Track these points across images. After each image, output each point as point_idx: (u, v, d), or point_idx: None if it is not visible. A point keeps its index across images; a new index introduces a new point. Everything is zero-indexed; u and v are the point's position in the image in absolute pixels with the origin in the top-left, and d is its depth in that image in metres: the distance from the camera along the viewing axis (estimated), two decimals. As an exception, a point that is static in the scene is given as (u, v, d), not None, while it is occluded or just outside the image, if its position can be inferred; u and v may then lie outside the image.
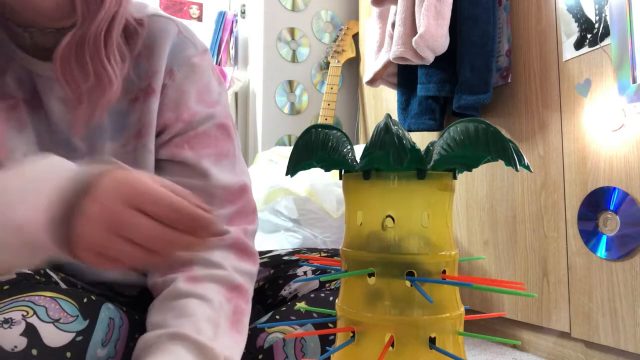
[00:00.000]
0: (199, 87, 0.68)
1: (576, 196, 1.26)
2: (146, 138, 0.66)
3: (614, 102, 1.17)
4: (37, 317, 0.53)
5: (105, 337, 0.59)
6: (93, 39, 0.57)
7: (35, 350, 0.52)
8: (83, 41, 0.57)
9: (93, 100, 0.59)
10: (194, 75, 0.68)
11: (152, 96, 0.65)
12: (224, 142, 0.69)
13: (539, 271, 1.37)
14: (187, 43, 0.68)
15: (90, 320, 0.58)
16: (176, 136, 0.67)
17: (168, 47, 0.66)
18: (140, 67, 0.66)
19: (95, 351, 0.57)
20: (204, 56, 0.70)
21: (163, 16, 0.68)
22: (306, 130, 0.45)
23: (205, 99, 0.69)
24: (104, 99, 0.59)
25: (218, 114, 0.69)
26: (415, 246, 0.42)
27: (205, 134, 0.67)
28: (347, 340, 0.43)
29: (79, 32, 0.57)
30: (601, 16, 1.21)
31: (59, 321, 0.55)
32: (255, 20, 2.36)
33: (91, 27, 0.56)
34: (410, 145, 0.39)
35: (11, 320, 0.52)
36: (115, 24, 0.59)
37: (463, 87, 1.47)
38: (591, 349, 1.24)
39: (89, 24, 0.56)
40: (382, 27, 1.76)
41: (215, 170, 0.67)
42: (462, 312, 0.44)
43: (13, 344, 0.51)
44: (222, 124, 0.69)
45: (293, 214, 1.61)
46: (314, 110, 2.32)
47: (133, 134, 0.66)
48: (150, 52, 0.66)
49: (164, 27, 0.67)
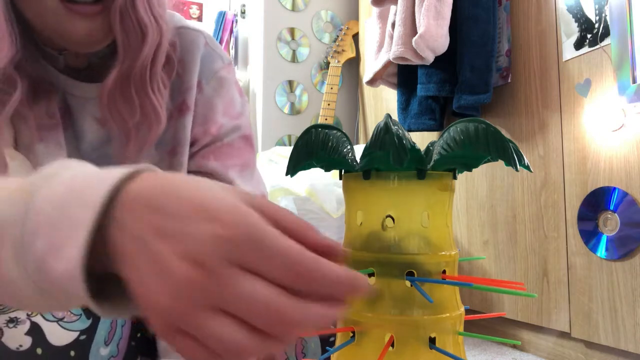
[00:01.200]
0: (226, 101, 0.68)
1: (576, 196, 1.26)
2: (180, 155, 0.65)
3: (614, 102, 1.17)
4: (41, 316, 0.54)
5: (108, 336, 0.60)
6: (139, 74, 0.56)
7: (39, 349, 0.52)
8: (129, 77, 0.55)
9: (141, 136, 0.57)
10: (221, 89, 0.68)
11: (187, 113, 0.65)
12: (247, 153, 0.69)
13: (539, 271, 1.37)
14: (215, 55, 0.68)
15: (94, 319, 0.59)
16: (203, 148, 0.67)
17: (199, 61, 0.66)
18: (173, 84, 0.65)
19: (98, 350, 0.58)
20: (229, 68, 0.70)
21: (191, 28, 0.67)
22: (306, 130, 0.45)
23: (231, 112, 0.69)
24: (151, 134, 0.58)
25: (242, 125, 0.70)
26: (415, 246, 0.42)
27: (230, 145, 0.68)
28: (347, 340, 0.43)
29: (124, 67, 0.55)
30: (601, 16, 1.21)
31: (63, 320, 0.55)
32: (255, 20, 2.36)
33: (136, 62, 0.55)
34: (410, 145, 0.39)
35: (16, 319, 0.53)
36: (159, 56, 0.57)
37: (463, 87, 1.47)
38: (591, 349, 1.24)
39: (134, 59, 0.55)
40: (382, 27, 1.76)
41: (239, 181, 0.66)
42: (462, 312, 0.44)
43: (18, 343, 0.51)
44: (246, 136, 0.70)
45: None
46: (314, 110, 2.32)
47: (167, 151, 0.65)
48: (182, 68, 0.65)
49: (193, 39, 0.66)
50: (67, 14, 0.51)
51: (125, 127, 0.57)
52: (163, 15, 0.57)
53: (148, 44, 0.55)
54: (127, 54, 0.55)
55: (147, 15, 0.54)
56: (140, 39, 0.54)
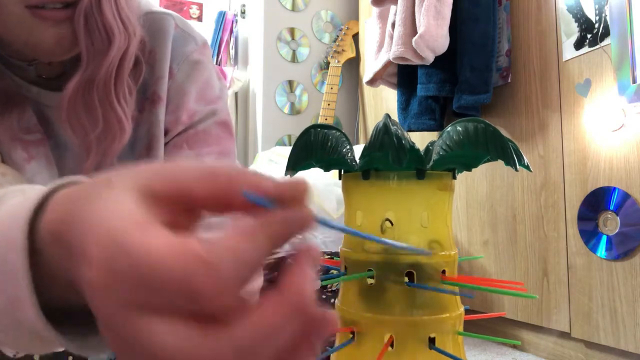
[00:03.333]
0: (200, 85, 0.64)
1: (576, 196, 1.26)
2: (156, 149, 0.61)
3: (614, 102, 1.17)
4: None
5: None
6: (103, 81, 0.52)
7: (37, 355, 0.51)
8: (91, 85, 0.51)
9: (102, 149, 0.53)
10: (194, 72, 0.63)
11: (159, 104, 0.61)
12: (225, 141, 0.65)
13: (539, 271, 1.37)
14: (187, 37, 0.63)
15: None
16: (176, 137, 0.62)
17: (170, 47, 0.61)
18: (144, 76, 0.60)
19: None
20: (204, 50, 0.65)
21: (158, 12, 0.62)
22: (305, 130, 0.45)
23: (207, 96, 0.64)
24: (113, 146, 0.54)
25: (220, 110, 0.65)
26: (415, 246, 0.42)
27: (205, 132, 0.63)
28: (347, 340, 0.43)
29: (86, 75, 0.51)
30: (601, 16, 1.21)
31: None
32: (255, 20, 2.35)
33: (100, 69, 0.51)
34: (409, 145, 0.39)
35: None
36: (126, 62, 0.53)
37: (463, 87, 1.47)
38: (591, 349, 1.24)
39: (97, 67, 0.51)
40: (382, 27, 1.76)
41: None
42: (462, 312, 0.44)
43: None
44: (224, 121, 0.65)
45: (293, 214, 1.60)
46: (314, 110, 2.32)
47: (144, 148, 0.61)
48: (152, 58, 0.61)
49: (161, 26, 0.61)
50: (34, 21, 0.48)
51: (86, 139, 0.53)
52: (132, 19, 0.53)
53: (114, 49, 0.51)
54: (91, 59, 0.50)
55: (114, 19, 0.51)
56: (105, 44, 0.50)
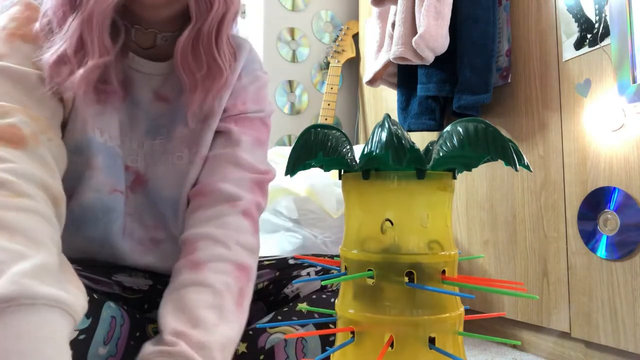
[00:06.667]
0: (256, 90, 0.80)
1: (576, 196, 1.26)
2: (211, 120, 0.74)
3: (614, 102, 1.17)
4: None
5: (107, 335, 0.59)
6: (206, 36, 0.68)
7: None
8: (198, 37, 0.67)
9: (206, 87, 0.70)
10: (255, 81, 0.80)
11: (225, 89, 0.75)
12: (263, 132, 0.80)
13: (539, 271, 1.37)
14: (256, 61, 0.82)
15: (93, 319, 0.58)
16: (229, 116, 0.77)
17: (244, 58, 0.78)
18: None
19: (97, 349, 0.57)
20: (265, 76, 0.83)
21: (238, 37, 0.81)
22: (305, 130, 0.45)
23: (259, 100, 0.81)
24: (214, 86, 0.70)
25: (265, 112, 0.81)
26: (414, 246, 0.42)
27: (250, 120, 0.78)
28: (347, 340, 0.43)
29: (194, 30, 0.67)
30: (601, 16, 1.21)
31: None
32: (255, 20, 2.36)
33: (204, 26, 0.67)
34: (409, 145, 0.39)
35: None
36: (224, 25, 0.69)
37: (463, 87, 1.46)
38: (591, 349, 1.24)
39: (202, 24, 0.67)
40: (382, 27, 1.76)
41: (245, 147, 0.75)
42: (461, 312, 0.44)
43: None
44: (265, 121, 0.81)
45: (293, 214, 1.61)
46: (314, 110, 2.32)
47: (202, 119, 0.74)
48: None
49: (242, 43, 0.79)
50: None
51: (193, 78, 0.69)
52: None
53: (214, 11, 0.66)
54: (197, 19, 0.66)
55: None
56: (208, 6, 0.66)
